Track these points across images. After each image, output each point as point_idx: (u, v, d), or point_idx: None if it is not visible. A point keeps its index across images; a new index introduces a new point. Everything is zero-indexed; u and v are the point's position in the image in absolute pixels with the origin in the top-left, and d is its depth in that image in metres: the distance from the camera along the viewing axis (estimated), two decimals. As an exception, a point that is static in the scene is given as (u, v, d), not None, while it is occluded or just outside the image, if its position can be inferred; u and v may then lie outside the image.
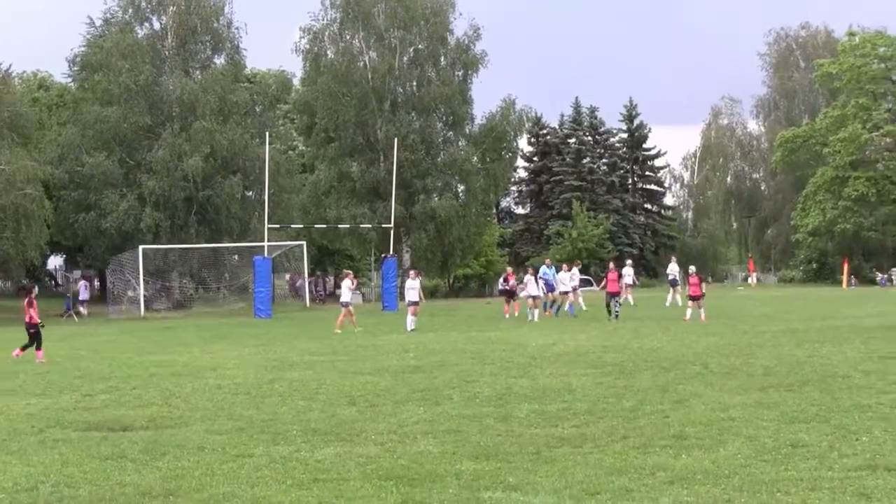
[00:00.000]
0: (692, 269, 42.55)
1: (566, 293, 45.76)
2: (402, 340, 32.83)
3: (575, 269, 47.79)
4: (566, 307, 45.29)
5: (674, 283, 51.81)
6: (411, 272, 43.17)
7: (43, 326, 30.41)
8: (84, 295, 62.99)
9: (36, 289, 31.81)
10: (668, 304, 49.59)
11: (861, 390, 17.71)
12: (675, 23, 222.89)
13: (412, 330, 37.33)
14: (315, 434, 14.99)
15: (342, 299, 41.34)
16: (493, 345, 29.79)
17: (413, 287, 39.53)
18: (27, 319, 29.65)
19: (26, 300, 30.29)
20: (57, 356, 30.03)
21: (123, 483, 12.05)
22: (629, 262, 56.81)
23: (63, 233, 69.11)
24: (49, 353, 29.80)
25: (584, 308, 47.21)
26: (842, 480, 11.18)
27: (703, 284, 40.84)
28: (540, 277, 44.16)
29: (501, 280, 47.85)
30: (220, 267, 68.80)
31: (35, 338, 29.35)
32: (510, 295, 45.52)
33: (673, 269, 53.57)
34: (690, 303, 39.74)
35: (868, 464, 11.93)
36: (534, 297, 42.71)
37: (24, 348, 29.49)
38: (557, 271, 46.25)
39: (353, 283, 43.17)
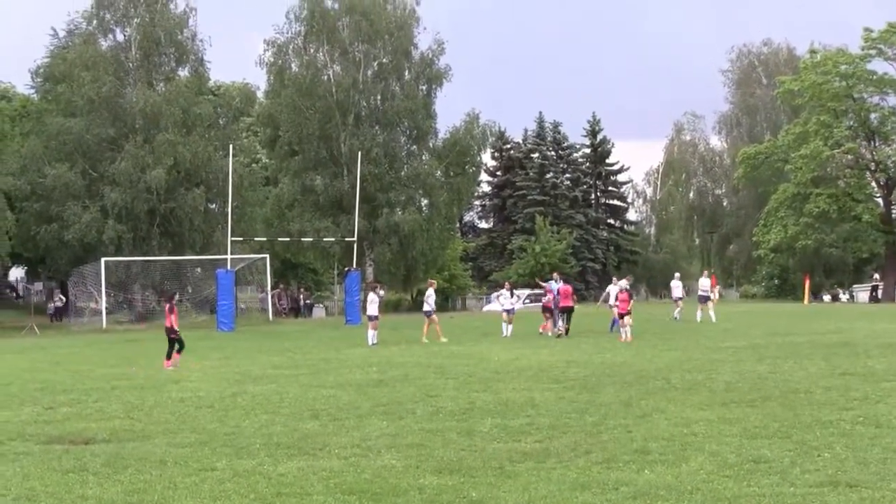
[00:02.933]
0: (623, 284, 41.48)
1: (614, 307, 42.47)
2: (365, 354, 32.82)
3: (624, 282, 42.75)
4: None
5: (703, 299, 49.90)
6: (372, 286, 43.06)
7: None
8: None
9: (177, 296, 32.04)
10: (698, 318, 48.22)
11: (822, 406, 17.78)
12: (639, 38, 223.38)
13: (374, 344, 37.34)
14: (278, 448, 14.97)
15: (425, 309, 41.10)
16: (456, 359, 29.79)
17: (373, 301, 39.53)
18: (167, 325, 30.03)
19: (167, 306, 30.87)
20: (17, 368, 29.89)
21: (85, 497, 12.02)
22: (678, 274, 54.40)
23: (25, 244, 68.82)
24: (10, 365, 29.64)
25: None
26: (804, 496, 11.24)
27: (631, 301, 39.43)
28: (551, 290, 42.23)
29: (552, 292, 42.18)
30: (183, 279, 68.52)
31: (174, 343, 29.76)
32: (549, 310, 42.28)
33: (704, 283, 51.64)
34: (622, 320, 37.80)
35: (830, 480, 11.99)
36: (508, 311, 42.38)
37: (169, 356, 29.76)
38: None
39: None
